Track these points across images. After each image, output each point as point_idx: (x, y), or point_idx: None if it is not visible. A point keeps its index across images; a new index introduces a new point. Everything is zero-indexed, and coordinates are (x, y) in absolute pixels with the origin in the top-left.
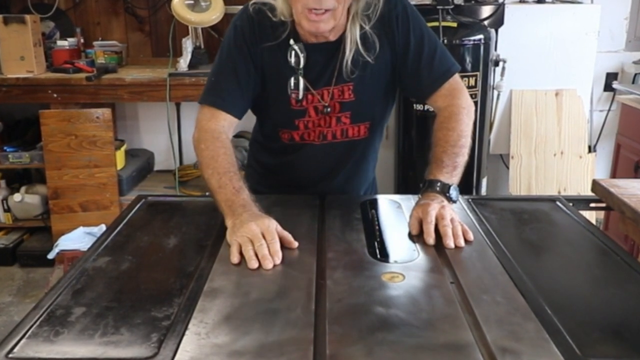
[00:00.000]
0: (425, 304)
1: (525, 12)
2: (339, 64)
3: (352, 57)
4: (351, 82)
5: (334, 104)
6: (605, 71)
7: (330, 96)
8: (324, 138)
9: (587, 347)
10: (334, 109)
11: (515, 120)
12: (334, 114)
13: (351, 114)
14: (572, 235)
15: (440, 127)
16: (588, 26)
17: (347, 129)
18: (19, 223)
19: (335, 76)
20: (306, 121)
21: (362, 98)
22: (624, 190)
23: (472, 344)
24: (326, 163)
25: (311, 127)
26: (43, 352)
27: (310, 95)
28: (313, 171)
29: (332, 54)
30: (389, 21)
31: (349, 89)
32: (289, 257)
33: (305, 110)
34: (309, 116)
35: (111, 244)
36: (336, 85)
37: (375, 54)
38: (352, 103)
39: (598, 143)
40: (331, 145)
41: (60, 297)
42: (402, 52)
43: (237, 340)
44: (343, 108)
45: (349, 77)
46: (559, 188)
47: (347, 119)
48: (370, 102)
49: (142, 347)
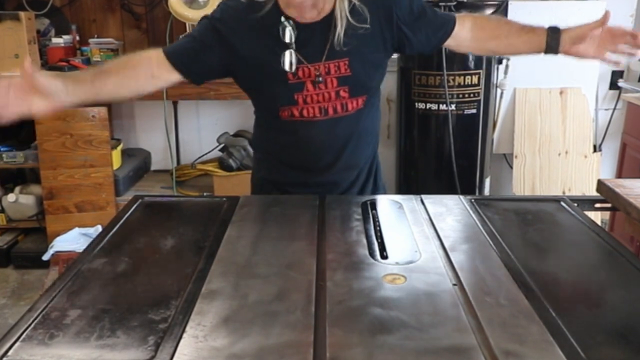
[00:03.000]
0: (427, 306)
1: (529, 9)
2: (332, 40)
3: (344, 31)
4: (346, 57)
5: (331, 79)
6: (610, 69)
7: (327, 71)
8: (326, 113)
9: (591, 350)
10: (331, 84)
11: (519, 119)
12: (333, 89)
13: (349, 88)
14: (576, 237)
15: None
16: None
17: (346, 102)
18: (13, 224)
19: (328, 52)
20: (305, 95)
21: (359, 71)
22: (630, 190)
23: (475, 347)
24: (332, 139)
25: (310, 102)
26: (38, 355)
27: (306, 69)
28: (319, 150)
29: (323, 31)
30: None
31: (345, 64)
32: (289, 258)
33: (302, 84)
34: (307, 90)
35: (107, 245)
36: (332, 60)
37: (368, 23)
38: (349, 77)
39: (603, 142)
40: (333, 121)
41: (56, 300)
42: (408, 19)
43: (236, 343)
44: (340, 82)
45: (343, 52)
46: (563, 188)
47: (345, 93)
48: (366, 74)
49: (139, 350)
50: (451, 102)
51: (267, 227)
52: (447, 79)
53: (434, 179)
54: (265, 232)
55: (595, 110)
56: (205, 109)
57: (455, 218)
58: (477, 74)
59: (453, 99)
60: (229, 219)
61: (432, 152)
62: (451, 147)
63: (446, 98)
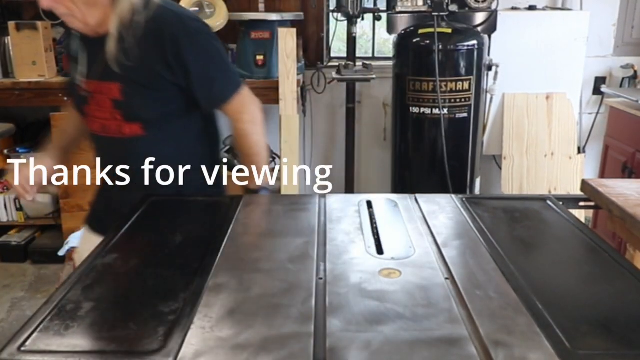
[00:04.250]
0: (420, 299)
1: (517, 19)
2: (104, 60)
3: (114, 56)
4: (118, 82)
5: (105, 99)
6: (594, 75)
7: (102, 91)
8: (106, 131)
9: (576, 340)
10: (105, 104)
11: (508, 123)
12: (108, 109)
13: (122, 113)
14: (562, 233)
15: (235, 142)
16: (577, 32)
17: (121, 125)
18: (31, 221)
19: (105, 71)
20: (89, 109)
21: (131, 100)
22: (612, 189)
23: (466, 337)
24: (118, 157)
25: (93, 117)
26: (54, 345)
27: (88, 84)
28: (112, 165)
29: (99, 48)
30: (161, 37)
31: (117, 88)
32: (290, 254)
33: (87, 98)
34: (91, 104)
35: (119, 241)
36: (106, 81)
37: (138, 61)
38: (121, 102)
39: (587, 144)
40: (113, 140)
41: (71, 293)
42: (179, 69)
43: (241, 334)
44: (115, 105)
45: (115, 77)
46: (549, 188)
47: (119, 117)
48: (140, 104)
49: (149, 341)
50: (444, 107)
51: (270, 224)
52: (440, 85)
53: (427, 179)
54: (268, 229)
55: (579, 114)
56: None
57: (448, 216)
58: (468, 80)
59: (445, 104)
60: (234, 216)
61: (426, 154)
62: (444, 149)
63: (439, 103)
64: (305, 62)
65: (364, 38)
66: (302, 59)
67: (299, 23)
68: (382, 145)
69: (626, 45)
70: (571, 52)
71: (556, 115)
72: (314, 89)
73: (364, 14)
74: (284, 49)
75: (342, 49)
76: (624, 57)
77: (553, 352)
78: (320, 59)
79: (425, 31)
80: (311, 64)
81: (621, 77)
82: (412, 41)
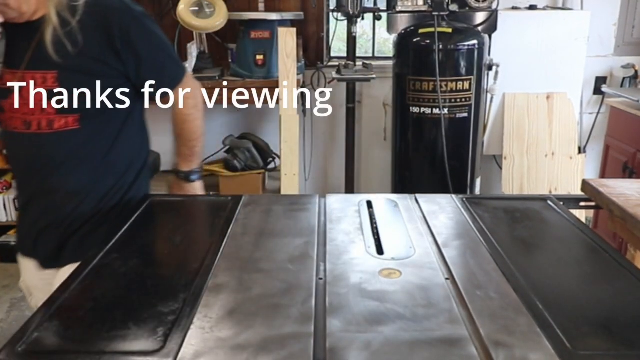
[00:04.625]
0: (421, 300)
1: (517, 19)
2: (39, 47)
3: (52, 42)
4: (55, 70)
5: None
6: (594, 75)
7: (34, 81)
8: (29, 127)
9: (576, 341)
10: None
11: (508, 123)
12: (37, 102)
13: (57, 104)
14: (562, 233)
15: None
16: (578, 32)
17: (53, 119)
18: None
19: (35, 59)
20: (10, 104)
21: (69, 89)
22: (613, 189)
23: (467, 337)
24: (39, 156)
25: (14, 112)
26: (54, 345)
27: (11, 75)
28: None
29: (29, 35)
30: (105, 21)
31: (52, 77)
32: (290, 254)
33: (8, 91)
34: (12, 98)
35: (119, 242)
36: (38, 70)
37: (79, 47)
38: (57, 92)
39: (588, 144)
40: (37, 137)
41: (71, 293)
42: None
43: (240, 334)
44: (48, 96)
45: (52, 64)
46: (550, 188)
47: (52, 109)
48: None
49: (149, 341)
50: (444, 107)
51: (270, 225)
52: (440, 85)
53: (427, 179)
54: (268, 229)
55: (580, 114)
56: (212, 113)
57: (448, 216)
58: (468, 80)
59: (446, 104)
60: (234, 216)
61: (426, 154)
62: (444, 149)
63: (439, 102)
64: (305, 62)
65: (364, 38)
66: (302, 59)
67: (299, 23)
68: (382, 145)
69: (627, 45)
70: (572, 51)
71: (557, 115)
72: (313, 89)
73: (364, 14)
74: (284, 49)
75: (342, 49)
76: (625, 56)
77: (553, 353)
78: (320, 58)
79: (426, 31)
80: (311, 63)
81: (622, 77)
82: (412, 41)
